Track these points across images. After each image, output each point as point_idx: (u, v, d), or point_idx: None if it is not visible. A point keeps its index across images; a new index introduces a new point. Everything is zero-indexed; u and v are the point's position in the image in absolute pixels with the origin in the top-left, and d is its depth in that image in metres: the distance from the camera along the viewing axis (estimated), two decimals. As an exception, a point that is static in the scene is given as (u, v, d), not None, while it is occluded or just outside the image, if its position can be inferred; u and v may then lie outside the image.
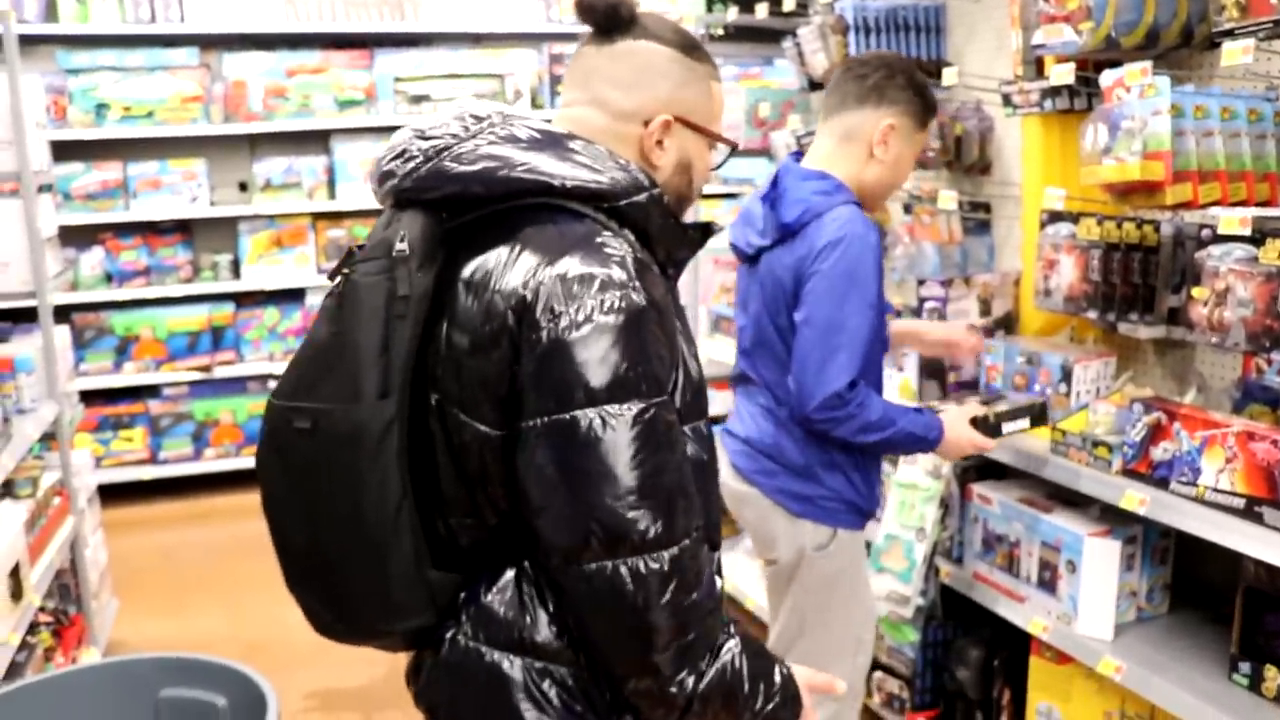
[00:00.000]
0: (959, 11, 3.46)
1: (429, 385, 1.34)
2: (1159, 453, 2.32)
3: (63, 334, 3.87)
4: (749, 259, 2.53)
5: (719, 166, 1.57)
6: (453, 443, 1.34)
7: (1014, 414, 2.57)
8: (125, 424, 5.73)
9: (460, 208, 1.37)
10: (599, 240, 1.32)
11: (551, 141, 1.38)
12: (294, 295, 5.96)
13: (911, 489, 2.90)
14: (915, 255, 3.30)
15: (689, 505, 1.30)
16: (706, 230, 1.52)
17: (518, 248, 1.32)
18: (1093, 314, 2.61)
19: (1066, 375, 2.70)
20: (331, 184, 5.92)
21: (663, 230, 1.43)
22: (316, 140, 5.95)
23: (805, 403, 2.32)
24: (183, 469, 5.78)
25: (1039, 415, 2.60)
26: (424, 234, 1.33)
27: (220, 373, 5.83)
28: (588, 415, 1.24)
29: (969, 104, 3.32)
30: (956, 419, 2.48)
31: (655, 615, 1.25)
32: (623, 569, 1.24)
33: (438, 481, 1.36)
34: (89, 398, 5.57)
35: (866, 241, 2.32)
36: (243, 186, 5.99)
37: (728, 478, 2.58)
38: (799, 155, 2.55)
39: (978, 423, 2.51)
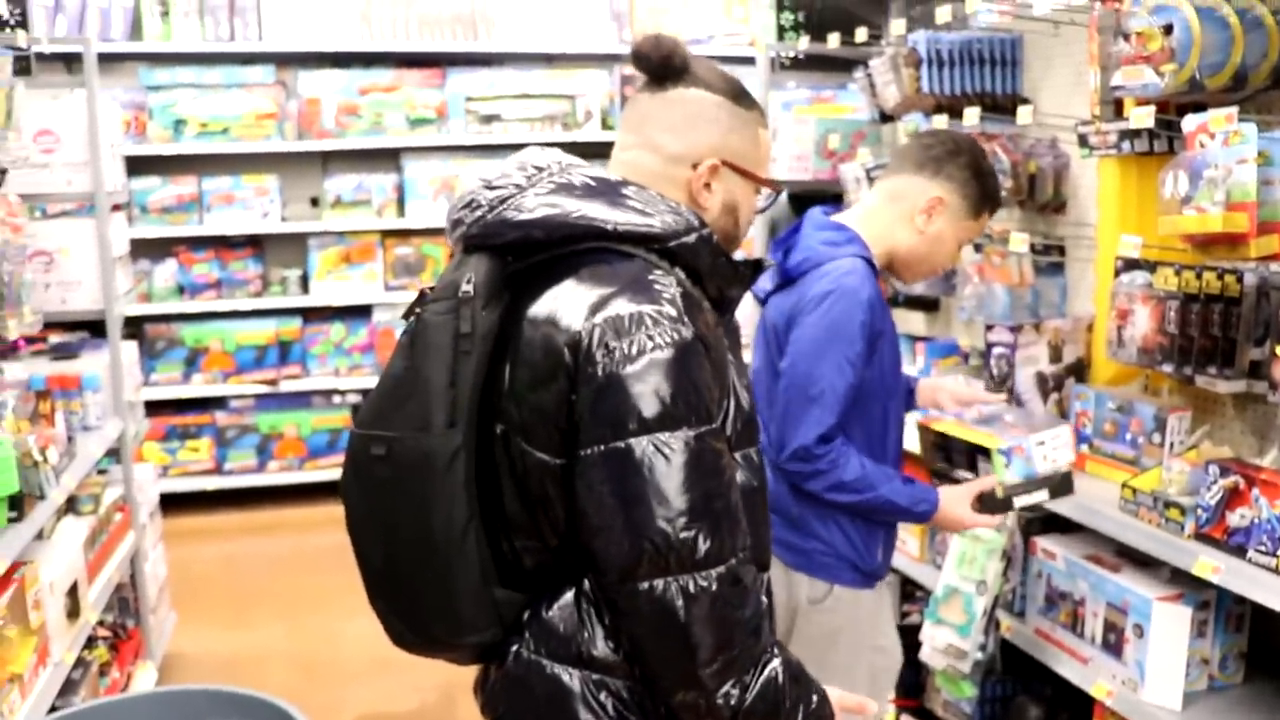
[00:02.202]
0: (1035, 45, 3.37)
1: (494, 416, 1.44)
2: (1235, 519, 2.21)
3: (130, 350, 3.93)
4: (761, 303, 2.51)
5: (765, 209, 1.65)
6: (516, 470, 1.43)
7: (1028, 487, 2.45)
8: (192, 434, 5.82)
9: (523, 252, 1.47)
10: (649, 279, 1.42)
11: (606, 189, 1.48)
12: (361, 311, 6.01)
13: (973, 540, 2.82)
14: (985, 295, 3.22)
15: (735, 527, 1.38)
16: (757, 267, 1.60)
17: (574, 288, 1.42)
18: (1168, 368, 2.51)
19: (1160, 425, 2.61)
20: (401, 201, 5.97)
21: (713, 268, 1.51)
22: (387, 158, 6.01)
23: (778, 452, 2.31)
24: (247, 480, 5.86)
25: (1059, 487, 2.48)
26: (489, 276, 1.43)
27: (286, 386, 5.89)
28: (641, 443, 1.33)
29: (1044, 141, 3.23)
30: (958, 497, 2.38)
31: (702, 630, 1.34)
32: (674, 585, 1.33)
33: (503, 506, 1.45)
34: (158, 407, 5.67)
35: (857, 298, 2.26)
36: (314, 202, 6.06)
37: None
38: (830, 209, 2.50)
39: (985, 498, 2.40)
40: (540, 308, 1.43)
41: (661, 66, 1.53)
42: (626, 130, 1.58)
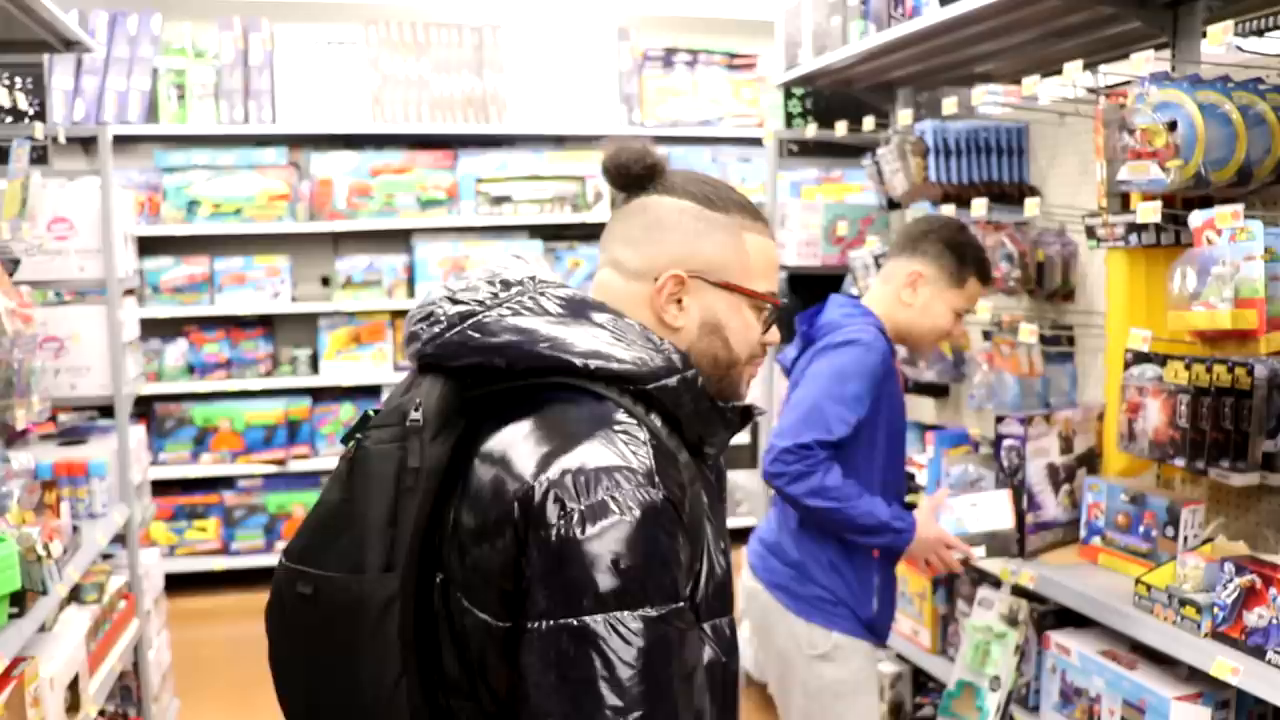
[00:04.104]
0: (1041, 135, 3.40)
1: (436, 563, 1.29)
2: (1253, 618, 2.18)
3: (138, 433, 3.93)
4: (787, 373, 2.74)
5: (769, 326, 1.45)
6: (454, 626, 1.28)
7: (970, 539, 2.64)
8: (200, 514, 5.80)
9: (482, 378, 1.32)
10: (618, 429, 1.27)
11: (579, 314, 1.33)
12: (371, 391, 6.01)
13: (986, 633, 2.78)
14: (994, 384, 3.20)
15: (696, 717, 1.25)
16: (746, 414, 1.43)
17: (532, 431, 1.28)
18: (1180, 461, 2.49)
19: (1173, 518, 2.58)
20: (411, 282, 6.00)
21: (695, 415, 1.35)
22: (398, 239, 6.05)
23: (767, 458, 2.47)
24: (254, 561, 5.80)
25: (996, 546, 2.64)
26: (441, 403, 1.29)
27: (294, 466, 5.88)
28: (596, 622, 1.18)
29: (1051, 230, 3.24)
30: (926, 514, 2.58)
31: None
32: None
33: (441, 660, 1.30)
34: (165, 487, 5.66)
35: (867, 348, 2.49)
36: (325, 282, 6.09)
37: (745, 576, 2.72)
38: (854, 299, 2.73)
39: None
40: (493, 447, 1.28)
41: (621, 176, 1.41)
42: (600, 249, 1.44)
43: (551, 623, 1.19)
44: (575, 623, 1.18)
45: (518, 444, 1.27)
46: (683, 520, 1.26)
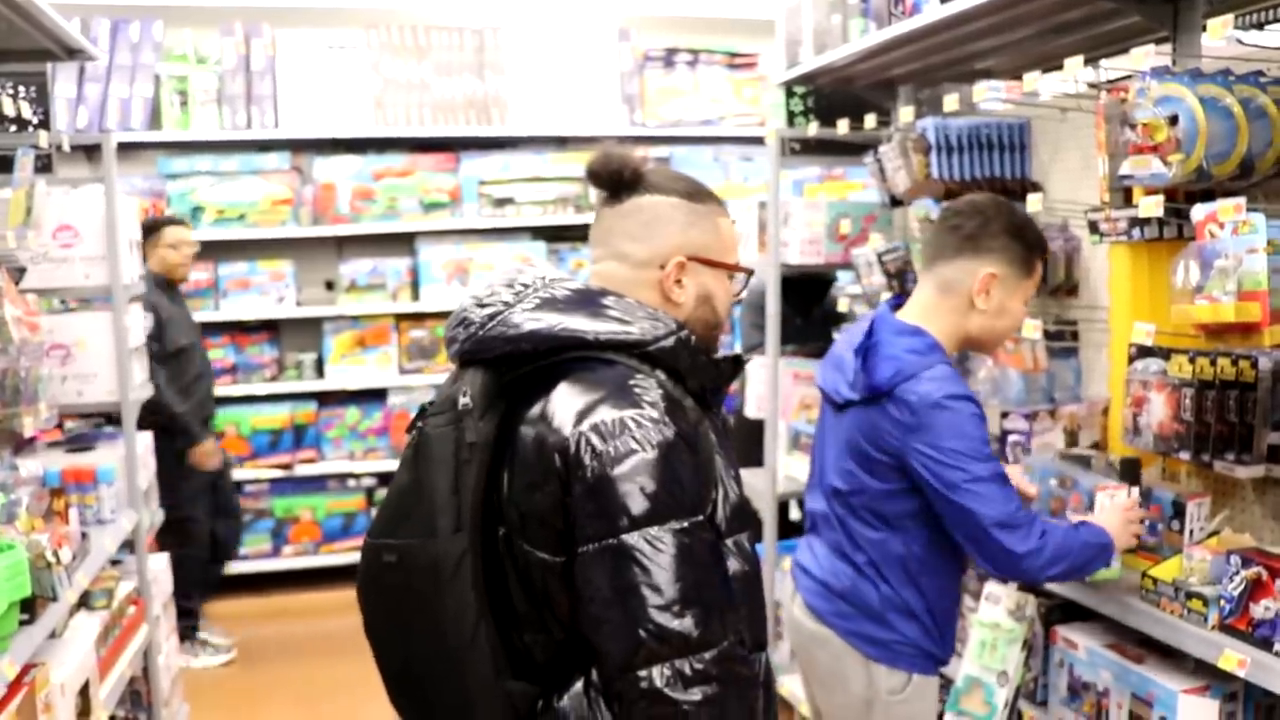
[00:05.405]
0: (1043, 130, 3.40)
1: (497, 519, 1.54)
2: (1260, 610, 2.18)
3: (145, 439, 3.94)
4: (837, 406, 2.48)
5: (741, 291, 1.76)
6: (519, 568, 1.53)
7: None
8: (207, 519, 5.80)
9: (514, 363, 1.58)
10: (631, 384, 1.53)
11: (586, 300, 1.60)
12: (376, 395, 6.03)
13: (993, 629, 2.78)
14: (999, 379, 3.21)
15: (727, 611, 1.49)
16: (736, 363, 1.71)
17: (562, 397, 1.54)
18: (1185, 454, 2.49)
19: (1179, 511, 2.58)
20: (415, 285, 6.02)
21: (693, 367, 1.62)
22: (401, 242, 6.07)
23: (1010, 576, 2.50)
24: (261, 565, 5.84)
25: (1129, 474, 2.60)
26: (484, 388, 1.55)
27: (301, 470, 5.90)
28: (633, 538, 1.45)
29: (1054, 225, 3.24)
30: (1108, 511, 2.49)
31: (700, 711, 1.43)
32: (668, 671, 1.43)
33: (512, 602, 1.55)
34: (173, 493, 5.66)
35: (959, 405, 2.28)
36: (329, 286, 6.11)
37: (802, 617, 2.55)
38: (897, 303, 2.51)
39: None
40: (532, 416, 1.54)
41: (613, 181, 1.67)
42: (595, 244, 1.71)
43: (598, 544, 1.46)
44: (616, 541, 1.45)
45: (552, 409, 1.53)
46: (694, 451, 1.52)
